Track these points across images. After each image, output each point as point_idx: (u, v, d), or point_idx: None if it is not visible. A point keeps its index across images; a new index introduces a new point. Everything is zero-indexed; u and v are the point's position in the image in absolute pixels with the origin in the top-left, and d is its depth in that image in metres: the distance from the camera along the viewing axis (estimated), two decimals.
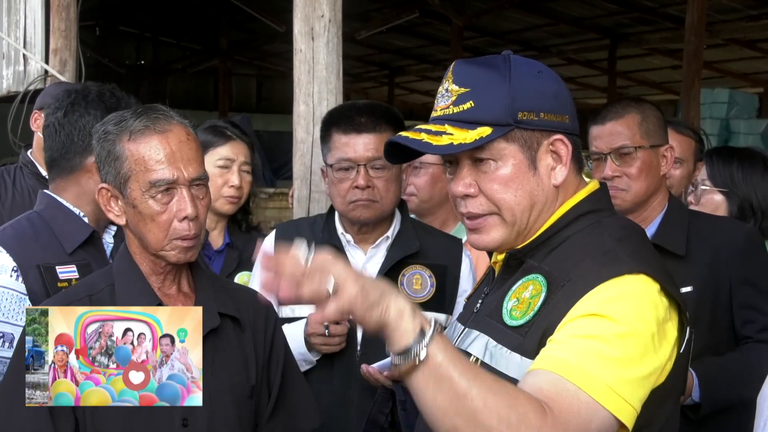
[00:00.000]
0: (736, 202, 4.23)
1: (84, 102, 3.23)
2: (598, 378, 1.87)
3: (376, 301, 1.86)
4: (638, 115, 3.54)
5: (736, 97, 14.90)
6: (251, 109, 23.65)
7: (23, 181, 4.91)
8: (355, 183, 3.45)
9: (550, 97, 2.19)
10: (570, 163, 2.21)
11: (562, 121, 2.20)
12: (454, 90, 2.19)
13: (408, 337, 1.84)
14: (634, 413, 1.90)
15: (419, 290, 3.54)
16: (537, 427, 1.78)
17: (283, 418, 2.89)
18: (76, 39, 7.13)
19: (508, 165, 2.16)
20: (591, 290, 1.98)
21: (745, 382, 3.34)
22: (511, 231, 2.20)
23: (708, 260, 3.45)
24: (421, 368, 1.83)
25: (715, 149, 4.66)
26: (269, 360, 2.87)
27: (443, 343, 1.85)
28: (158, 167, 2.56)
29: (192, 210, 2.57)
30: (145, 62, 23.97)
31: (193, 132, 2.68)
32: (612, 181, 3.47)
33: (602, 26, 17.31)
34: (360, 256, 3.57)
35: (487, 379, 1.84)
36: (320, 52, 4.48)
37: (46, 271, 3.04)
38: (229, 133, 4.31)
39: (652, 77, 21.55)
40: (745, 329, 3.49)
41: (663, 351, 1.98)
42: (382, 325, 1.86)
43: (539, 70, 2.22)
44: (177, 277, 2.74)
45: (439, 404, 1.83)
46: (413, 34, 19.18)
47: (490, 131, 2.12)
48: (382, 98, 25.19)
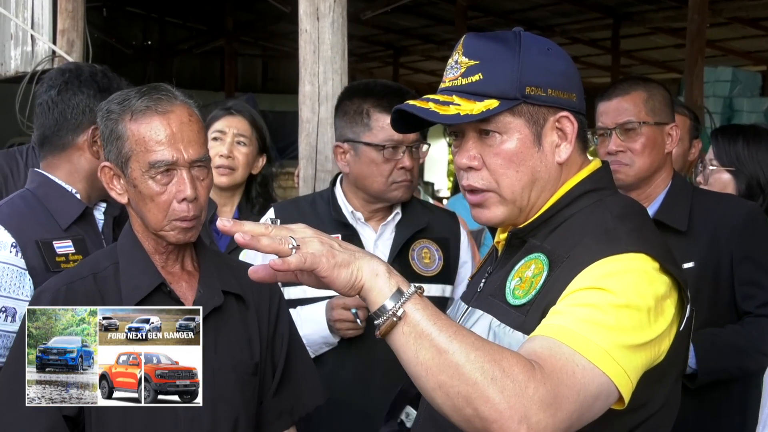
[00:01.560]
0: (743, 181, 4.25)
1: (77, 81, 3.29)
2: (594, 342, 1.87)
3: (345, 261, 1.85)
4: (645, 92, 3.59)
5: (739, 76, 14.84)
6: (257, 89, 23.56)
7: (35, 162, 4.93)
8: (402, 164, 3.49)
9: (558, 74, 2.20)
10: (575, 141, 2.22)
11: (569, 98, 2.21)
12: (463, 62, 2.20)
13: (384, 295, 1.84)
14: (629, 382, 1.90)
15: (429, 264, 3.59)
16: (523, 381, 1.77)
17: (287, 395, 2.91)
18: (84, 20, 7.14)
19: (513, 139, 2.17)
20: (589, 265, 1.99)
21: (743, 352, 3.40)
22: (512, 208, 2.22)
23: (710, 236, 3.49)
24: (399, 325, 1.82)
25: (720, 128, 4.67)
26: (273, 337, 2.89)
27: (422, 302, 1.85)
28: (158, 148, 2.57)
29: (191, 192, 2.58)
30: (152, 43, 23.89)
31: (197, 112, 2.68)
32: (616, 156, 3.52)
33: (605, 5, 17.22)
34: (370, 233, 3.60)
35: (468, 336, 1.83)
36: (325, 32, 4.50)
37: (45, 246, 3.09)
38: (229, 106, 4.38)
39: (655, 56, 21.44)
40: (745, 304, 3.52)
41: (658, 326, 1.97)
42: (356, 286, 1.85)
43: (548, 47, 2.22)
44: (180, 256, 2.76)
45: (422, 361, 1.81)
46: (418, 14, 19.08)
47: (498, 104, 2.13)
48: (387, 78, 25.09)
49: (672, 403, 2.15)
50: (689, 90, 11.32)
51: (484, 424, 1.78)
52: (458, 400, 1.79)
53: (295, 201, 3.86)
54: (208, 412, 2.64)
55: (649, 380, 2.00)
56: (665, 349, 2.02)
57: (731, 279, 3.52)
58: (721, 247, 3.50)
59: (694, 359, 3.35)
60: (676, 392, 2.17)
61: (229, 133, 4.31)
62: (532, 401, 1.77)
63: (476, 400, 1.77)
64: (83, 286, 2.65)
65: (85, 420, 2.58)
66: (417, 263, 3.57)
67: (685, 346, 2.15)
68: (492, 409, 1.76)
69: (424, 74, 25.52)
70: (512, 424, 1.76)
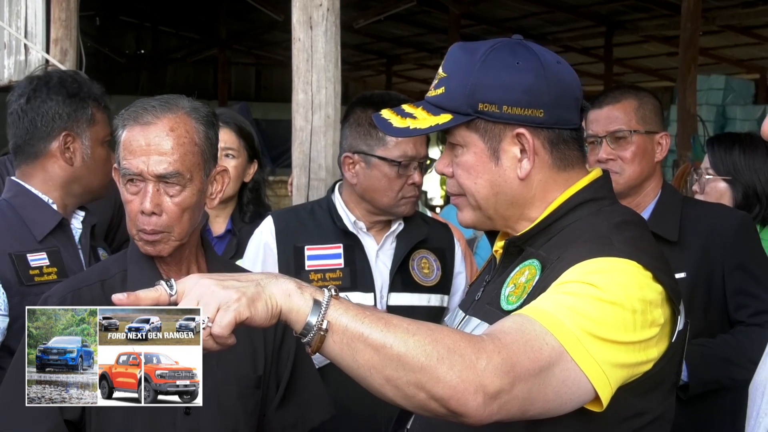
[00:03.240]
0: (740, 190, 4.23)
1: (45, 88, 3.28)
2: (567, 326, 1.86)
3: (255, 293, 1.78)
4: (635, 101, 3.59)
5: (732, 84, 14.93)
6: (250, 97, 23.64)
7: None
8: (412, 180, 3.48)
9: (518, 91, 2.15)
10: (538, 156, 2.18)
11: (531, 114, 2.16)
12: (439, 73, 2.22)
13: (304, 312, 1.79)
14: (604, 377, 1.87)
15: (429, 274, 3.60)
16: (472, 353, 1.76)
17: (292, 409, 2.89)
18: (77, 29, 7.14)
19: (470, 152, 2.19)
20: (579, 262, 1.99)
21: (735, 363, 3.39)
22: (480, 214, 2.25)
23: (701, 246, 3.48)
24: (329, 337, 1.78)
25: (716, 137, 4.66)
26: (279, 351, 2.87)
27: (342, 306, 1.80)
28: (130, 158, 2.58)
29: (149, 205, 2.58)
30: (145, 52, 23.96)
31: (191, 127, 2.64)
32: (606, 164, 3.50)
33: (598, 13, 17.30)
34: (372, 243, 3.57)
35: (401, 324, 1.80)
36: (318, 41, 4.50)
37: (18, 259, 3.10)
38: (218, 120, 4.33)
39: (648, 64, 21.53)
40: (738, 314, 3.51)
41: (645, 331, 1.95)
42: (274, 314, 1.80)
43: (518, 61, 2.17)
44: (186, 264, 2.75)
45: (362, 364, 1.79)
46: (411, 23, 19.16)
47: (450, 118, 2.16)
48: (380, 87, 25.16)
49: (667, 415, 2.14)
50: (682, 98, 11.36)
51: (441, 403, 1.77)
52: (409, 389, 1.78)
53: (294, 210, 3.82)
54: (208, 424, 2.65)
55: (641, 390, 2.00)
56: (653, 357, 2.00)
57: (723, 288, 3.50)
58: (713, 257, 3.48)
59: (686, 371, 3.34)
60: (670, 404, 2.15)
61: None
62: (486, 370, 1.76)
63: (427, 383, 1.76)
64: (90, 293, 2.67)
65: (86, 426, 2.59)
66: (417, 273, 3.57)
67: (678, 358, 2.14)
68: (445, 387, 1.75)
69: (416, 82, 25.59)
70: (468, 395, 1.75)
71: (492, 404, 1.77)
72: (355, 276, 3.50)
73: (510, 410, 1.81)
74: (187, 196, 2.65)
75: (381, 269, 3.55)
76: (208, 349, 1.79)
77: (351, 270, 3.50)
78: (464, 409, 1.76)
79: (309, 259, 3.51)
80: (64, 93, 3.27)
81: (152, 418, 2.59)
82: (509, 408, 1.80)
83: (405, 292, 3.55)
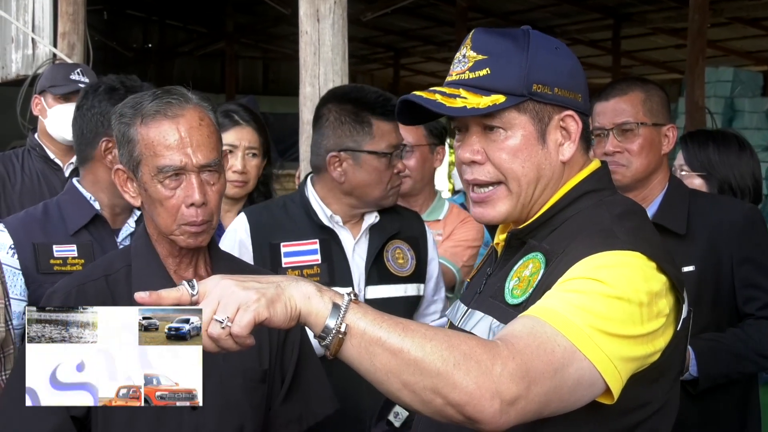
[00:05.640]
0: (715, 185, 4.28)
1: (93, 95, 3.46)
2: (577, 325, 1.86)
3: (275, 295, 1.79)
4: (642, 93, 3.58)
5: (740, 76, 14.85)
6: (258, 91, 23.58)
7: (31, 165, 4.98)
8: (397, 169, 3.51)
9: (564, 74, 2.20)
10: (579, 140, 2.22)
11: (574, 98, 2.21)
12: (471, 56, 2.19)
13: (323, 315, 1.80)
14: (615, 371, 1.89)
15: (403, 264, 3.61)
16: (488, 359, 1.76)
17: (297, 402, 2.90)
18: (84, 23, 7.17)
19: (517, 135, 2.17)
20: (584, 258, 1.99)
21: (744, 357, 3.40)
22: (516, 203, 2.21)
23: (708, 239, 3.48)
24: (347, 341, 1.80)
25: (689, 134, 4.67)
26: (284, 344, 2.87)
27: (361, 310, 1.82)
28: (167, 153, 2.57)
29: (199, 196, 2.59)
30: (153, 45, 23.92)
31: (210, 116, 2.67)
32: (613, 157, 3.51)
33: (606, 6, 17.23)
34: (348, 237, 3.57)
35: (418, 329, 1.81)
36: (326, 34, 4.50)
37: (40, 248, 3.30)
38: (237, 117, 4.30)
39: (656, 56, 21.45)
40: (746, 307, 3.52)
41: (651, 323, 1.96)
42: (293, 316, 1.81)
43: (557, 46, 2.22)
44: (194, 260, 2.76)
45: (380, 368, 1.79)
46: (418, 16, 19.09)
47: (504, 99, 2.13)
48: (387, 80, 25.17)
49: (671, 404, 2.15)
50: (690, 90, 11.30)
51: (458, 409, 1.77)
52: (426, 394, 1.78)
53: (266, 206, 3.79)
54: (214, 419, 2.66)
55: (647, 380, 2.00)
56: (660, 347, 2.01)
57: (731, 281, 3.52)
58: (721, 250, 3.49)
59: (695, 366, 3.35)
60: (675, 393, 2.17)
61: (240, 147, 4.25)
62: (502, 377, 1.76)
63: (443, 388, 1.76)
64: (95, 288, 2.68)
65: (92, 422, 2.60)
66: (392, 264, 3.58)
67: (683, 346, 2.15)
68: (462, 393, 1.75)
69: (424, 75, 25.54)
70: (485, 401, 1.75)
71: (509, 410, 1.78)
72: (332, 271, 3.50)
73: (527, 414, 1.82)
74: (223, 182, 2.71)
75: (357, 262, 3.55)
76: (227, 348, 1.80)
77: (328, 265, 3.50)
78: (481, 415, 1.77)
79: (285, 256, 3.51)
80: (108, 100, 3.39)
81: (158, 414, 2.60)
82: (526, 412, 1.81)
83: (382, 284, 3.56)
